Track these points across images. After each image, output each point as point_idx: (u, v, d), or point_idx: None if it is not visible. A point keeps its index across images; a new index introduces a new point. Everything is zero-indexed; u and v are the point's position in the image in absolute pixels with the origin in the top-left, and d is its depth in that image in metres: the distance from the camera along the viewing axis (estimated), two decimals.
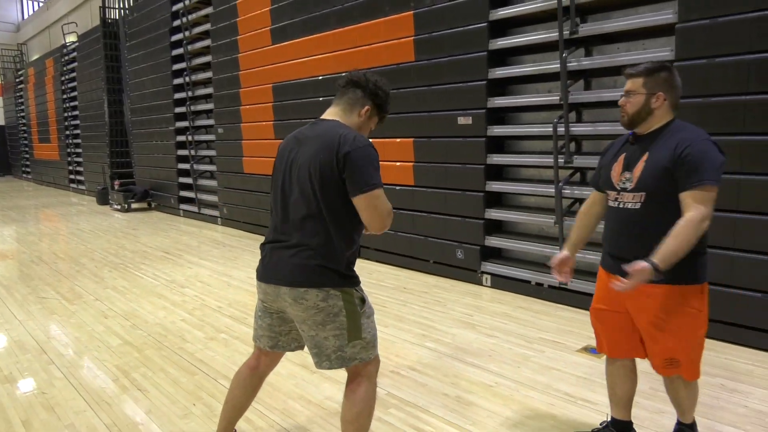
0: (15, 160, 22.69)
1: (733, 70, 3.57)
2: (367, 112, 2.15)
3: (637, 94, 2.11)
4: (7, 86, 22.55)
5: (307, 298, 1.98)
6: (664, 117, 2.12)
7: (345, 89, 2.17)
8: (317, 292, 1.98)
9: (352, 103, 2.14)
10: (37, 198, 14.48)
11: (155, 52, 10.51)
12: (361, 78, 2.15)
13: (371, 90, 2.14)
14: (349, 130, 2.03)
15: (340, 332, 2.02)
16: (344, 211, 2.00)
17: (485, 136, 5.05)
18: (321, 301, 1.98)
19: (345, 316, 2.01)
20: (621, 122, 2.20)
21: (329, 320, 2.00)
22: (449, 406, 2.88)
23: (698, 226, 1.94)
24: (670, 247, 1.93)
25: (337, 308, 2.00)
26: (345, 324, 2.02)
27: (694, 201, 1.95)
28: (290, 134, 2.21)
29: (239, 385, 2.27)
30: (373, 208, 1.98)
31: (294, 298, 2.00)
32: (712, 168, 1.96)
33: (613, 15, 4.46)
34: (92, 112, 13.87)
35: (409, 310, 4.52)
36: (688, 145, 1.99)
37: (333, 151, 1.95)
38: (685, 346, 2.15)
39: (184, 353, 3.65)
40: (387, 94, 2.19)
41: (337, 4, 6.40)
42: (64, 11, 18.75)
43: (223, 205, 9.04)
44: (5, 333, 4.09)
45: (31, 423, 2.76)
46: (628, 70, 2.18)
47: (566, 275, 2.41)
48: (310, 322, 2.02)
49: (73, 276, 5.82)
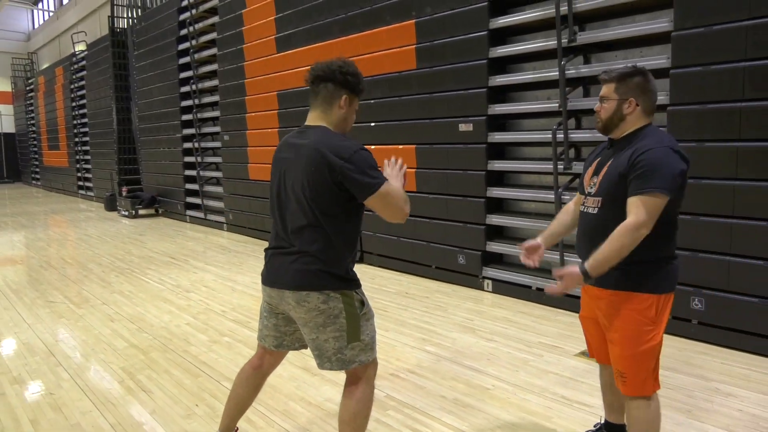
0: (25, 167, 22.96)
1: (728, 77, 3.62)
2: (345, 101, 2.14)
3: (610, 100, 2.10)
4: (17, 94, 22.86)
5: (308, 300, 2.05)
6: (637, 122, 2.09)
7: (316, 87, 2.14)
8: (318, 294, 2.04)
9: (328, 99, 2.13)
10: (46, 204, 14.66)
11: (163, 61, 10.66)
12: (326, 70, 2.11)
13: (341, 79, 2.11)
14: (334, 138, 2.05)
15: (339, 334, 2.08)
16: (341, 218, 2.06)
17: (486, 142, 5.12)
18: (322, 304, 2.05)
19: (345, 318, 2.08)
20: (596, 128, 2.20)
21: (330, 322, 2.07)
22: (447, 408, 2.93)
23: (633, 233, 1.90)
24: (603, 253, 1.92)
25: (337, 310, 2.06)
26: (345, 326, 2.08)
27: (636, 207, 1.92)
28: (282, 140, 2.26)
29: (242, 384, 2.34)
30: (386, 204, 2.04)
31: (297, 300, 2.07)
32: (663, 176, 1.91)
33: (610, 23, 4.52)
34: (101, 120, 14.05)
35: (410, 314, 4.57)
36: (644, 152, 1.95)
37: (325, 165, 1.98)
38: (628, 357, 2.06)
39: (188, 356, 3.72)
40: (356, 75, 2.15)
41: (340, 13, 6.50)
42: (74, 21, 19.05)
43: (228, 211, 9.14)
44: (15, 336, 4.18)
45: (39, 422, 2.83)
46: (601, 75, 2.16)
47: (533, 260, 2.35)
48: (312, 324, 2.08)
49: (81, 281, 5.92)
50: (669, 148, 1.96)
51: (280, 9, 7.50)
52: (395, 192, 2.05)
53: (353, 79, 2.14)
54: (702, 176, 3.76)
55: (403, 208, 2.07)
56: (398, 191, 2.07)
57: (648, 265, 2.02)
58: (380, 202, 2.03)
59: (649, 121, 2.12)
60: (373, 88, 6.07)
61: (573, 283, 1.98)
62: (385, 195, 2.02)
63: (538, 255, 2.35)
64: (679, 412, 2.86)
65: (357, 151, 2.00)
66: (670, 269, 2.06)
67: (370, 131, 6.20)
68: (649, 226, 1.91)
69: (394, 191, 2.05)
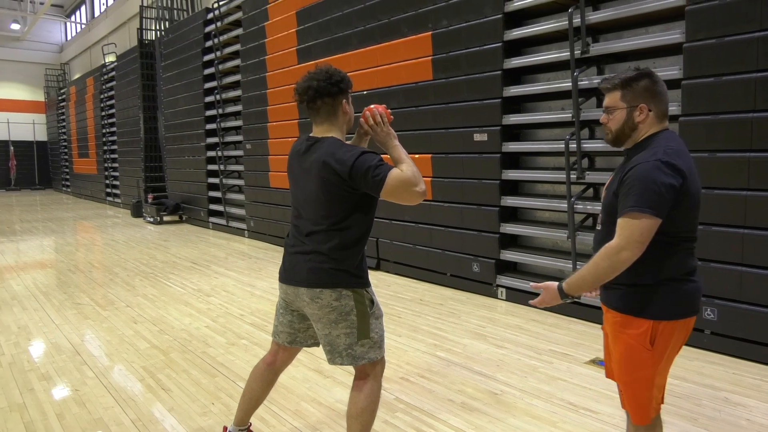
0: (56, 174, 23.65)
1: (739, 88, 3.64)
2: (345, 105, 2.25)
3: (618, 110, 1.92)
4: (50, 104, 23.60)
5: (322, 297, 2.17)
6: (651, 129, 1.91)
7: (314, 104, 2.20)
8: (331, 292, 2.16)
9: (332, 111, 2.22)
10: (75, 210, 15.09)
11: (188, 72, 10.95)
12: (318, 86, 2.16)
13: (335, 90, 2.19)
14: (339, 149, 2.13)
15: (350, 330, 2.19)
16: (351, 221, 2.18)
17: (500, 152, 5.18)
18: (334, 301, 2.17)
19: (355, 316, 2.19)
20: (606, 141, 2.02)
21: (341, 318, 2.18)
22: (454, 411, 3.00)
23: (612, 257, 1.78)
24: (580, 273, 1.86)
25: (348, 307, 2.18)
26: (355, 323, 2.19)
27: (620, 228, 1.80)
28: (293, 150, 2.37)
29: (256, 379, 2.45)
30: (400, 191, 2.09)
31: (311, 297, 2.19)
32: (643, 194, 1.75)
33: (623, 35, 4.57)
34: (128, 129, 14.46)
35: (424, 320, 4.65)
36: (632, 167, 1.81)
37: (334, 175, 2.10)
38: (625, 383, 1.96)
39: (206, 357, 3.85)
40: (343, 77, 2.23)
41: (359, 25, 6.65)
42: (104, 32, 19.63)
43: (250, 218, 9.33)
44: (43, 336, 4.37)
45: (64, 416, 2.98)
46: (602, 83, 1.98)
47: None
48: (324, 321, 2.20)
49: (107, 284, 6.13)
50: (659, 161, 1.77)
51: (302, 21, 7.69)
52: (403, 177, 2.09)
53: (344, 83, 2.23)
54: (714, 186, 3.78)
55: (416, 187, 2.10)
56: (404, 173, 2.10)
57: (647, 288, 1.86)
58: (393, 190, 2.09)
59: (663, 126, 1.92)
60: (390, 98, 6.20)
61: (549, 299, 1.95)
62: (394, 182, 2.07)
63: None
64: (684, 419, 2.88)
65: (358, 156, 2.10)
66: (676, 293, 1.85)
67: None
68: (631, 248, 1.76)
69: (400, 176, 2.08)
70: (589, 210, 4.63)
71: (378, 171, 2.08)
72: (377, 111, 2.27)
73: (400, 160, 2.19)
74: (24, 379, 3.50)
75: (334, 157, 2.12)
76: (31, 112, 24.63)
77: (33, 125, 24.62)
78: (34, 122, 24.65)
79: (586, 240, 4.64)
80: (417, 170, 2.14)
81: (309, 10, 7.52)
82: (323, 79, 2.17)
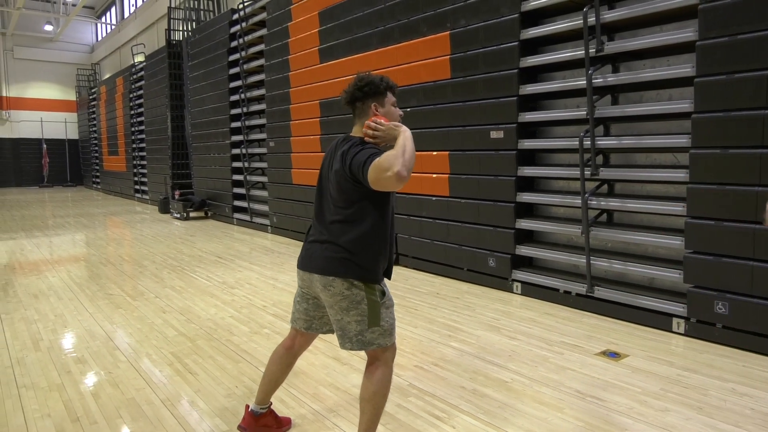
0: (86, 172, 24.33)
1: (751, 85, 3.69)
2: (376, 107, 2.39)
3: None
4: (81, 103, 24.28)
5: (334, 285, 2.32)
6: None
7: (352, 107, 2.44)
8: (342, 281, 2.31)
9: (362, 114, 2.43)
10: (105, 207, 15.56)
11: (214, 71, 11.24)
12: (348, 94, 2.41)
13: (359, 95, 2.39)
14: (354, 146, 2.29)
15: (361, 318, 2.33)
16: (363, 214, 2.31)
17: (516, 149, 5.28)
18: (346, 290, 2.31)
19: (366, 305, 2.32)
20: None
21: (352, 307, 2.32)
22: (465, 397, 3.13)
23: None
24: None
25: (359, 297, 2.32)
26: (366, 312, 2.33)
27: None
28: (332, 143, 2.54)
29: (275, 362, 2.63)
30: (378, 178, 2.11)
31: (324, 285, 2.34)
32: None
33: (638, 33, 4.63)
34: (156, 127, 14.85)
35: (440, 313, 4.78)
36: None
37: (342, 167, 2.28)
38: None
39: (230, 344, 4.05)
40: (370, 82, 2.37)
41: (379, 25, 6.79)
42: (134, 33, 20.14)
43: (273, 214, 9.56)
44: (78, 323, 4.62)
45: (99, 395, 3.20)
46: None
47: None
48: (336, 307, 2.35)
49: (136, 276, 6.40)
50: None
51: (324, 22, 7.87)
52: (376, 165, 2.12)
53: (369, 87, 2.39)
54: (726, 182, 3.84)
55: (385, 174, 2.07)
56: (378, 162, 2.12)
57: None
58: (374, 182, 2.14)
59: None
60: (409, 96, 6.33)
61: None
62: (373, 175, 2.12)
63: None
64: (689, 408, 2.97)
65: (357, 152, 2.24)
66: None
67: None
68: None
69: (374, 166, 2.12)
70: (603, 206, 4.71)
71: (366, 163, 2.17)
72: (370, 123, 2.33)
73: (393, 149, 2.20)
74: (61, 362, 3.74)
75: (344, 153, 2.30)
76: (63, 111, 25.38)
77: (65, 123, 25.36)
78: (65, 121, 25.39)
79: (600, 235, 4.72)
80: (402, 157, 2.09)
81: (331, 11, 7.69)
82: (353, 84, 2.41)
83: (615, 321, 4.49)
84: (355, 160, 2.22)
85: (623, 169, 4.66)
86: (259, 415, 2.69)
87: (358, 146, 2.29)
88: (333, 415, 2.94)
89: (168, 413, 2.97)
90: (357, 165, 2.21)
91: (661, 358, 3.70)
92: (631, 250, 4.84)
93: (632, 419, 2.85)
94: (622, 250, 4.89)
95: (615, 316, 4.54)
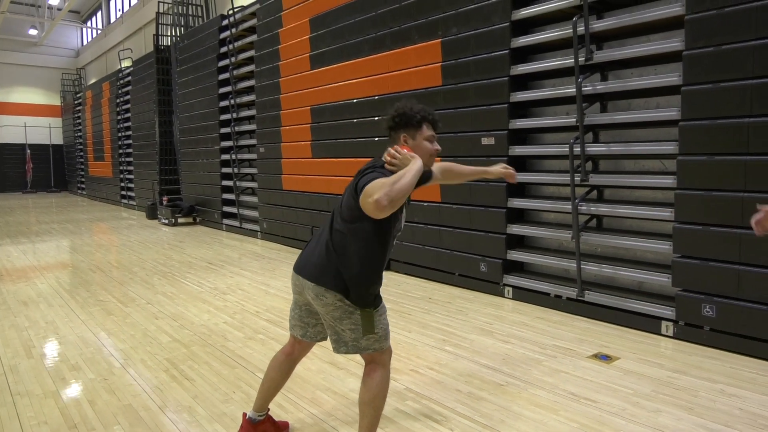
0: (71, 177, 24.08)
1: (736, 94, 3.79)
2: (405, 138, 2.38)
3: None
4: (66, 108, 24.06)
5: (326, 296, 2.33)
6: None
7: (389, 135, 2.46)
8: (334, 294, 2.32)
9: (392, 143, 2.42)
10: (91, 212, 15.41)
11: (203, 76, 11.22)
12: (385, 121, 2.44)
13: (392, 124, 2.40)
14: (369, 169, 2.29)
15: (355, 327, 2.35)
16: (360, 232, 2.28)
17: (507, 155, 5.35)
18: (338, 301, 2.33)
19: (360, 314, 2.34)
20: None
21: (345, 316, 2.35)
22: (461, 400, 3.17)
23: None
24: None
25: (352, 308, 2.33)
26: (359, 321, 2.34)
27: None
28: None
29: (275, 368, 2.64)
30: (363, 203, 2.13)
31: (316, 294, 2.35)
32: None
33: (626, 42, 4.73)
34: (144, 132, 14.77)
35: (433, 318, 4.82)
36: None
37: (353, 187, 2.30)
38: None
39: (225, 350, 4.05)
40: (403, 113, 2.36)
41: (370, 32, 6.85)
42: (120, 38, 20.02)
43: (263, 220, 9.55)
44: (70, 330, 4.59)
45: (96, 402, 3.19)
46: None
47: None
48: (329, 316, 2.38)
49: (126, 282, 6.36)
50: None
51: (315, 29, 7.91)
52: (365, 190, 2.13)
53: (400, 118, 2.37)
54: (712, 188, 3.93)
55: (367, 200, 2.08)
56: (366, 188, 2.11)
57: None
58: (361, 203, 2.15)
59: None
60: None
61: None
62: (361, 200, 2.14)
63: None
64: (680, 409, 3.04)
65: (371, 172, 2.24)
66: None
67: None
68: None
69: (363, 191, 2.13)
70: (592, 211, 4.79)
71: (366, 185, 2.16)
72: (390, 150, 2.32)
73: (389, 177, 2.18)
74: (55, 369, 3.72)
75: (362, 171, 2.32)
76: (47, 116, 25.12)
77: (49, 129, 25.09)
78: (50, 126, 25.12)
79: (590, 240, 4.80)
80: (390, 186, 2.06)
81: (322, 18, 7.74)
82: (390, 113, 2.41)
83: (605, 324, 4.56)
84: (362, 180, 2.22)
85: (612, 176, 4.75)
86: (257, 422, 2.70)
87: (375, 169, 2.28)
88: (332, 419, 2.96)
89: (166, 419, 2.97)
90: (361, 185, 2.20)
91: (651, 360, 3.77)
92: (620, 254, 4.93)
93: (625, 420, 2.91)
94: (611, 255, 4.98)
95: (605, 320, 4.62)
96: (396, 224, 2.38)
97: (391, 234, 2.38)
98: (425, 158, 2.36)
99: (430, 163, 2.47)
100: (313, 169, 8.10)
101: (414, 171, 2.17)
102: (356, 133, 7.20)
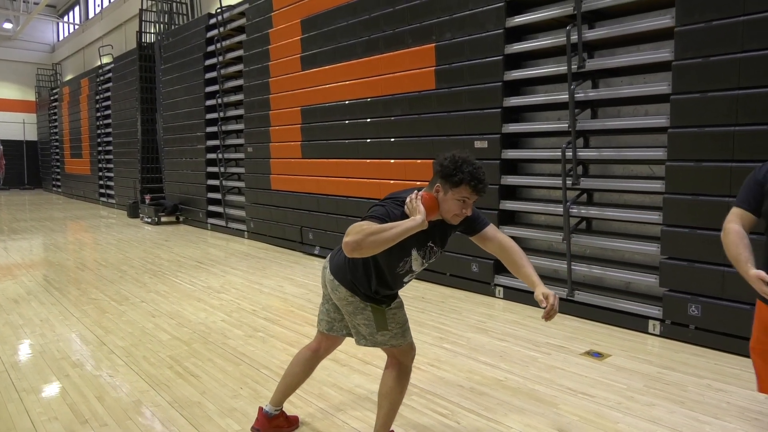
0: (46, 174, 23.58)
1: (723, 103, 3.98)
2: (438, 189, 2.25)
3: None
4: (41, 104, 23.55)
5: (340, 290, 2.45)
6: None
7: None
8: (346, 288, 2.43)
9: (431, 185, 2.32)
10: (68, 210, 15.15)
11: (189, 75, 11.16)
12: (434, 164, 2.29)
13: (437, 168, 2.25)
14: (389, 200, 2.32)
15: (368, 322, 2.46)
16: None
17: (500, 158, 5.49)
18: (349, 296, 2.44)
19: (371, 311, 2.44)
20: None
21: (358, 312, 2.45)
22: (464, 395, 3.28)
23: None
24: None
25: (363, 304, 2.44)
26: (371, 317, 2.44)
27: None
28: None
29: (299, 363, 2.71)
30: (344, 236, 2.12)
31: (332, 287, 2.48)
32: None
33: (617, 51, 4.91)
34: (125, 130, 14.58)
35: (428, 316, 4.93)
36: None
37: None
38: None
39: (227, 347, 4.09)
40: (449, 166, 2.21)
41: (363, 35, 6.93)
42: (99, 34, 19.71)
43: (250, 220, 9.55)
44: (67, 327, 4.57)
45: (104, 398, 3.21)
46: None
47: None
48: (344, 310, 2.49)
49: (117, 281, 6.32)
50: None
51: (306, 30, 7.96)
52: (353, 225, 2.13)
53: (442, 168, 2.23)
54: (699, 193, 4.12)
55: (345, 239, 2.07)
56: (355, 225, 2.12)
57: None
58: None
59: None
60: (393, 106, 6.49)
61: None
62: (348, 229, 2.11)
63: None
64: (672, 402, 3.19)
65: (375, 206, 2.28)
66: None
67: (391, 147, 6.61)
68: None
69: (353, 225, 2.13)
70: (583, 214, 4.96)
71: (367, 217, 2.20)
72: (412, 195, 2.26)
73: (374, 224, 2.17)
74: (57, 366, 3.72)
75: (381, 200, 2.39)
76: (21, 112, 24.55)
77: (23, 125, 24.53)
78: (24, 122, 24.55)
79: (581, 242, 4.96)
80: (368, 235, 2.06)
81: (314, 20, 7.80)
82: (439, 156, 2.29)
83: (595, 323, 4.73)
84: (368, 211, 2.26)
85: (602, 180, 4.92)
86: (273, 416, 2.77)
87: (386, 204, 2.28)
88: (341, 413, 3.04)
89: (177, 414, 3.02)
90: (362, 216, 2.25)
91: (641, 357, 3.94)
92: (609, 256, 5.10)
93: (622, 413, 3.05)
94: (600, 256, 5.15)
95: (594, 319, 4.78)
96: (400, 264, 2.34)
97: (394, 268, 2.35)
98: (447, 215, 2.28)
99: (453, 222, 2.34)
100: (303, 169, 8.14)
101: (403, 228, 2.11)
102: (348, 134, 7.27)
